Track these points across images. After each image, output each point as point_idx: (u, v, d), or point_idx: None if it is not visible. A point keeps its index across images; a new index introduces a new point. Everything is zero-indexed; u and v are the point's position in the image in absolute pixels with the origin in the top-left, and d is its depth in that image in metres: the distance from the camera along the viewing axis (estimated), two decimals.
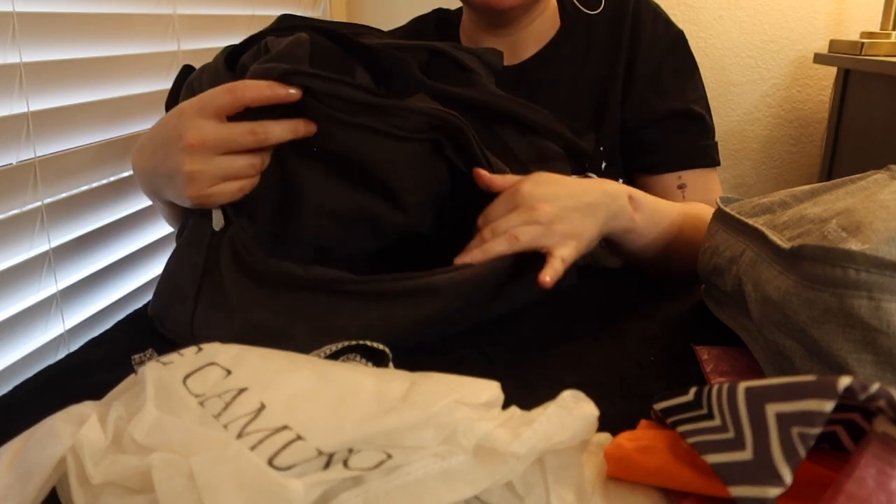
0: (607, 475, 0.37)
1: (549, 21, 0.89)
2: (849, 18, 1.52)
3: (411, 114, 0.58)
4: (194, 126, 0.53)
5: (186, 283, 0.57)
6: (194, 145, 0.53)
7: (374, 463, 0.32)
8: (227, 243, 0.56)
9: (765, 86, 1.57)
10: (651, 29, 0.87)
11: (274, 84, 0.53)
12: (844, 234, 0.43)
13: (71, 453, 0.33)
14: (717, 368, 0.51)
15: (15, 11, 0.62)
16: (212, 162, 0.53)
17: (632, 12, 0.88)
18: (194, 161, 0.53)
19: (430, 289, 0.55)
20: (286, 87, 0.53)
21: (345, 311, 0.54)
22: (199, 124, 0.53)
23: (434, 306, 0.56)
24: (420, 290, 0.55)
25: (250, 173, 0.55)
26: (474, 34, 0.90)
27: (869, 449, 0.30)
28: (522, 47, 0.89)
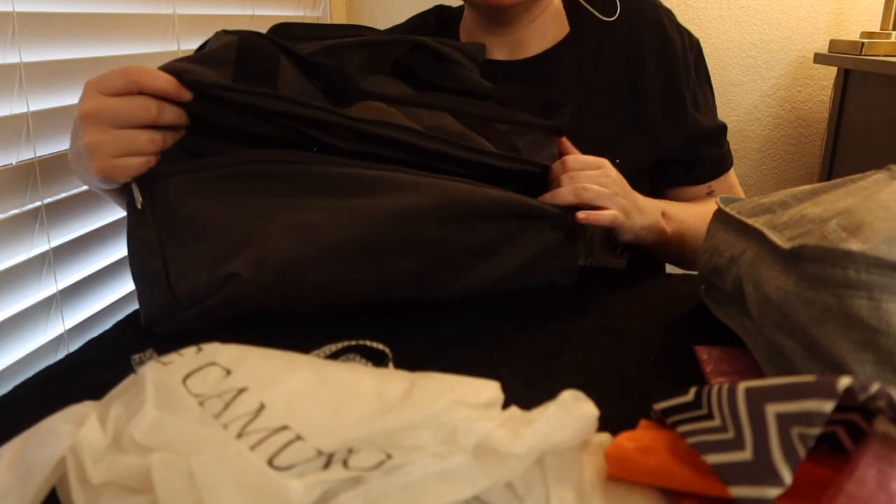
0: (607, 475, 0.37)
1: (553, 22, 0.89)
2: (849, 18, 1.52)
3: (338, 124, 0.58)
4: (89, 98, 0.53)
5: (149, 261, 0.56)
6: (86, 115, 0.52)
7: (373, 463, 0.32)
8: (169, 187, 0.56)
9: (765, 86, 1.57)
10: (680, 43, 0.87)
11: (170, 79, 0.54)
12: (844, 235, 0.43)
13: (71, 453, 0.33)
14: (717, 368, 0.51)
15: (15, 11, 0.62)
16: (109, 133, 0.53)
17: (654, 23, 0.87)
18: (91, 132, 0.53)
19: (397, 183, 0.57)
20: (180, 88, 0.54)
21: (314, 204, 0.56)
22: (94, 96, 0.53)
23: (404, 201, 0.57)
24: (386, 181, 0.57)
25: (151, 149, 0.55)
26: (475, 33, 0.90)
27: (869, 449, 0.30)
28: (524, 46, 0.88)
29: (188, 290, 0.55)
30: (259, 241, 0.55)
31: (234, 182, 0.56)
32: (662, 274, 0.77)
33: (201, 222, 0.55)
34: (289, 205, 0.56)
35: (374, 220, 0.56)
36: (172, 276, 0.55)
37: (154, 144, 0.55)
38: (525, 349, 0.56)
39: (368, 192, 0.57)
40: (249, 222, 0.55)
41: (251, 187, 0.56)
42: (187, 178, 0.56)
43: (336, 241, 0.56)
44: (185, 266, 0.55)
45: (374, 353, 0.52)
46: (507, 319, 0.62)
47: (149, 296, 0.57)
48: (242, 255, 0.54)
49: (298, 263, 0.55)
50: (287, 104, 0.56)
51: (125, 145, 0.53)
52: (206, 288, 0.55)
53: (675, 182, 0.91)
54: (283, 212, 0.56)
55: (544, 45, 0.88)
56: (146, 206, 0.56)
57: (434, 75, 0.69)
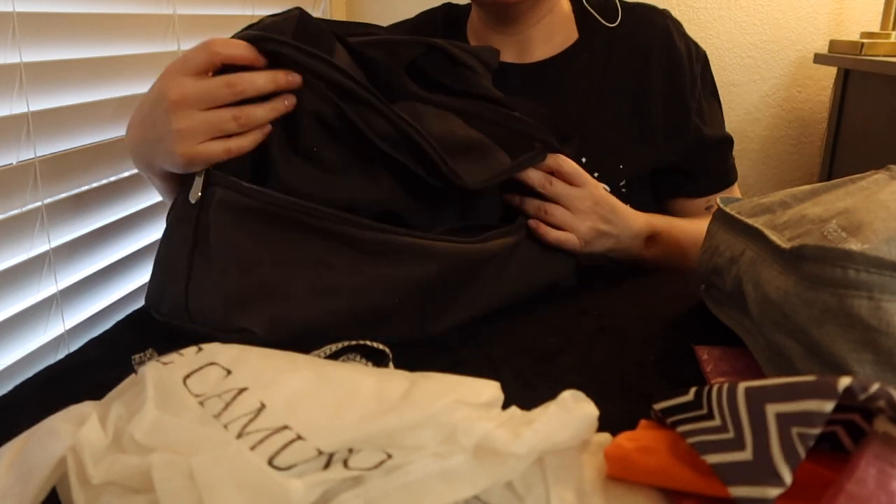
0: (607, 475, 0.37)
1: (561, 25, 0.88)
2: (849, 18, 1.52)
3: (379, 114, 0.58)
4: (176, 84, 0.54)
5: (178, 259, 0.56)
6: (177, 101, 0.53)
7: (374, 463, 0.32)
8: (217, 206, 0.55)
9: (765, 86, 1.57)
10: (686, 54, 0.87)
11: (248, 45, 0.54)
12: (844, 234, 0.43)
13: (71, 453, 0.33)
14: (717, 368, 0.51)
15: (15, 11, 0.62)
16: (196, 117, 0.53)
17: (661, 32, 0.87)
18: (180, 118, 0.53)
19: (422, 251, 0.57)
20: (257, 54, 0.54)
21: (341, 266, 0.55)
22: (181, 81, 0.54)
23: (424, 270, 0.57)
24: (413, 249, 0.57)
25: (234, 128, 0.55)
26: (481, 32, 0.90)
27: (870, 449, 0.30)
28: (530, 47, 0.88)
29: (201, 311, 0.54)
30: (280, 300, 0.53)
31: (273, 222, 0.54)
32: (662, 274, 0.77)
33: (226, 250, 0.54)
34: (315, 261, 0.55)
35: (396, 289, 0.56)
36: (192, 286, 0.55)
37: (237, 122, 0.55)
38: (525, 349, 0.56)
39: (395, 259, 0.56)
40: (273, 270, 0.54)
41: (282, 231, 0.55)
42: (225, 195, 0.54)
43: (355, 310, 0.55)
44: (205, 288, 0.54)
45: (374, 353, 0.52)
46: (507, 319, 0.62)
47: (163, 288, 0.57)
48: (260, 312, 0.53)
49: (315, 328, 0.54)
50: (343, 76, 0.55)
51: (212, 127, 0.54)
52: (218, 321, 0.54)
53: (675, 193, 0.90)
54: (307, 268, 0.54)
55: (552, 48, 0.88)
56: (198, 203, 0.55)
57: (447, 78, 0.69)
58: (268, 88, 0.55)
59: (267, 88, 0.55)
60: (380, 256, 0.56)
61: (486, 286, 0.63)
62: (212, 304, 0.53)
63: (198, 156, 0.54)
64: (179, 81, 0.54)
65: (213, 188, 0.55)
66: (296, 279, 0.54)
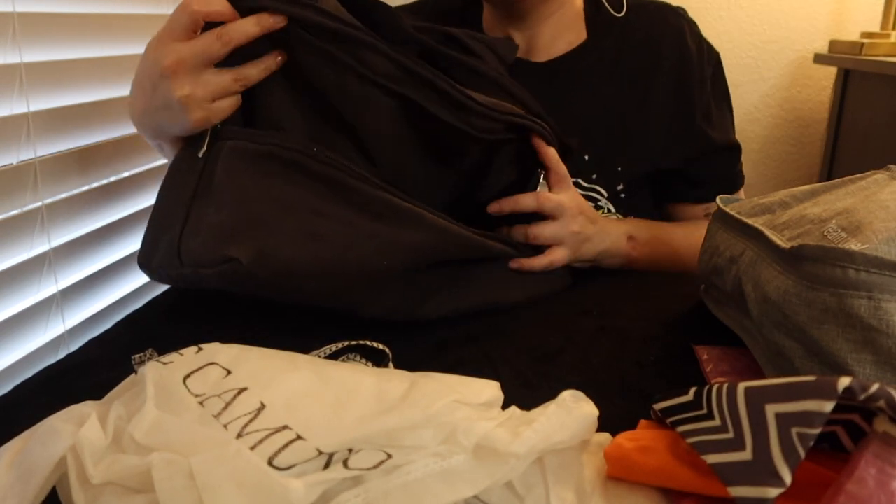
0: (607, 475, 0.37)
1: (571, 24, 0.88)
2: (849, 18, 1.52)
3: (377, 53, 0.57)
4: (168, 52, 0.54)
5: (176, 206, 0.56)
6: (172, 67, 0.54)
7: (373, 463, 0.32)
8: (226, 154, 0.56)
9: (765, 86, 1.57)
10: (697, 55, 0.85)
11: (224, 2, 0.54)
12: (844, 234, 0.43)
13: (71, 453, 0.33)
14: (717, 368, 0.51)
15: (15, 11, 0.62)
16: (199, 81, 0.54)
17: (674, 32, 0.86)
18: (182, 84, 0.54)
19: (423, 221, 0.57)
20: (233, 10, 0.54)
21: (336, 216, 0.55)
22: (172, 47, 0.54)
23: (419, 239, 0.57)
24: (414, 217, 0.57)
25: (238, 87, 0.56)
26: (492, 24, 0.90)
27: (869, 449, 0.30)
28: (539, 44, 0.87)
29: (191, 250, 0.54)
30: (270, 235, 0.54)
31: (271, 162, 0.55)
32: (662, 274, 0.77)
33: (227, 190, 0.54)
34: (311, 206, 0.55)
35: (386, 251, 0.56)
36: (187, 229, 0.55)
37: (239, 83, 0.56)
38: (525, 349, 0.56)
39: (391, 222, 0.56)
40: (267, 208, 0.54)
41: (284, 173, 0.55)
42: (234, 145, 0.55)
43: (343, 261, 0.55)
44: (200, 227, 0.54)
45: (374, 353, 0.52)
46: (507, 319, 0.62)
47: (159, 236, 0.57)
48: (248, 243, 0.53)
49: (300, 271, 0.55)
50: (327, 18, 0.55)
51: (217, 89, 0.55)
52: (207, 257, 0.54)
53: (676, 197, 0.90)
54: (302, 211, 0.55)
55: (560, 47, 0.87)
56: (204, 156, 0.56)
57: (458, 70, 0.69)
58: (255, 32, 0.55)
59: (254, 32, 0.55)
60: (377, 215, 0.56)
61: (476, 283, 0.63)
62: (203, 243, 0.54)
63: (211, 117, 0.56)
64: (171, 48, 0.54)
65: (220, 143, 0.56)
66: (288, 219, 0.54)
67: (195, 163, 0.56)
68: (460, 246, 0.60)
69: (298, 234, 0.54)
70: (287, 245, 0.54)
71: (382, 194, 0.56)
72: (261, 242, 0.53)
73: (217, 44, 0.54)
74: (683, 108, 0.85)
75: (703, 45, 0.88)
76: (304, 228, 0.54)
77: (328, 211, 0.55)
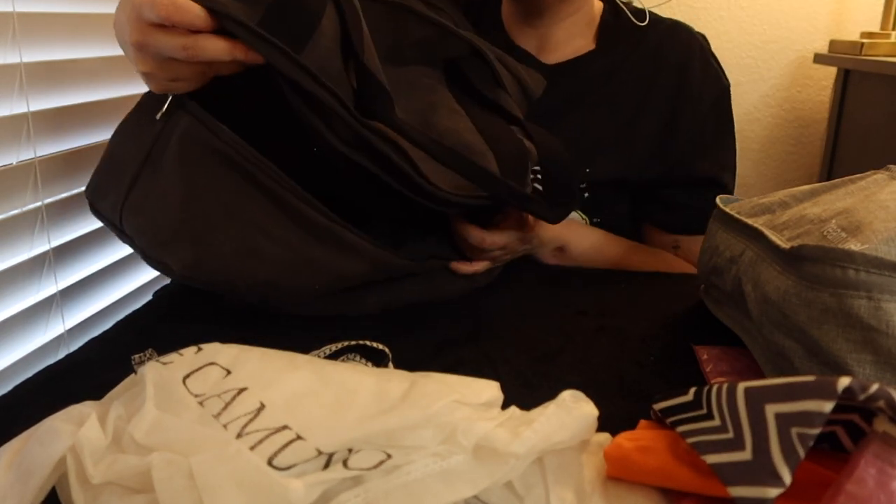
0: (607, 475, 0.37)
1: (584, 28, 0.87)
2: (849, 18, 1.52)
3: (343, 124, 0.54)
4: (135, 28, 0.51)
5: (126, 163, 0.56)
6: (136, 44, 0.52)
7: (373, 463, 0.32)
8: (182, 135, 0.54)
9: (765, 86, 1.57)
10: (700, 78, 0.84)
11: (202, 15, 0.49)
12: (844, 235, 0.43)
13: (71, 453, 0.33)
14: (717, 368, 0.51)
15: (15, 11, 0.62)
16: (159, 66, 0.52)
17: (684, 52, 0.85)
18: (144, 61, 0.52)
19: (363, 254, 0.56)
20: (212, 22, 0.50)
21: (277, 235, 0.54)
22: (139, 26, 0.51)
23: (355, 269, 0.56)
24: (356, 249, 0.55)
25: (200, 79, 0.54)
26: (510, 21, 0.90)
27: (869, 449, 0.30)
28: (551, 44, 0.87)
29: (131, 229, 0.55)
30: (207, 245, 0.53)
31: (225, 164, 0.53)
32: (662, 274, 0.77)
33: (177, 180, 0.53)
34: (257, 221, 0.54)
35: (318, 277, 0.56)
36: (129, 201, 0.55)
37: (205, 77, 0.54)
38: (525, 349, 0.56)
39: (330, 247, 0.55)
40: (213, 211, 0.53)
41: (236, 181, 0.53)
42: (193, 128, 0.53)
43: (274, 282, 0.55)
44: (142, 208, 0.55)
45: (374, 353, 0.52)
46: (507, 319, 0.62)
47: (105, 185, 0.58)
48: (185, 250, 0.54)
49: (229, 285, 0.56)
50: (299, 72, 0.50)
51: (175, 73, 0.53)
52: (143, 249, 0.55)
53: (648, 218, 0.89)
54: (247, 225, 0.53)
55: (570, 51, 0.87)
56: (162, 119, 0.55)
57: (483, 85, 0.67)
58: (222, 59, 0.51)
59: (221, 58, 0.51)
60: (319, 240, 0.55)
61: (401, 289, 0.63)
62: (142, 229, 0.54)
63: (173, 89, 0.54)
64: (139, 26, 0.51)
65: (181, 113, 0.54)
66: (231, 229, 0.53)
67: (152, 125, 0.55)
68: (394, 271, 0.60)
69: (239, 246, 0.53)
70: (224, 257, 0.54)
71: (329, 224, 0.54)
72: (199, 251, 0.53)
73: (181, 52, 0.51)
74: (668, 127, 0.84)
75: (710, 72, 0.86)
76: (245, 242, 0.53)
77: (272, 230, 0.54)
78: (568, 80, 0.86)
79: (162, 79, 0.53)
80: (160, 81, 0.54)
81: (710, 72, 0.86)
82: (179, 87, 0.55)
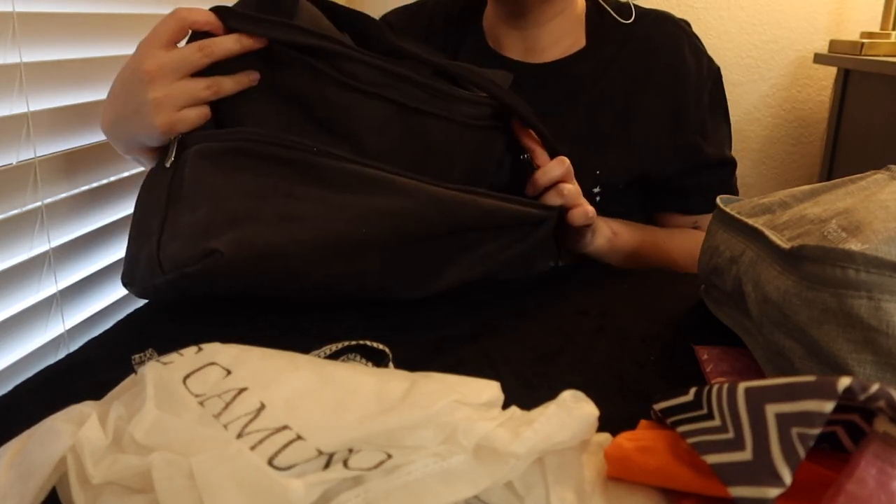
0: (607, 475, 0.37)
1: (572, 28, 0.87)
2: (849, 18, 1.52)
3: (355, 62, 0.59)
4: (150, 56, 0.56)
5: (150, 218, 0.57)
6: (152, 71, 0.55)
7: (374, 463, 0.32)
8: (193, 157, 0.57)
9: (765, 86, 1.57)
10: (696, 68, 0.86)
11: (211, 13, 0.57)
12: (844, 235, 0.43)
13: (71, 453, 0.33)
14: (717, 368, 0.51)
15: (15, 11, 0.62)
16: (173, 87, 0.56)
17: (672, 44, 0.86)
18: (157, 88, 0.55)
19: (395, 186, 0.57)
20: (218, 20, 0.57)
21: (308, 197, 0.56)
22: (154, 53, 0.56)
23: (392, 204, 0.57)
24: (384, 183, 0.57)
25: (208, 96, 0.57)
26: (494, 24, 0.89)
27: (870, 449, 0.30)
28: (539, 47, 0.87)
29: (172, 254, 0.55)
30: (247, 224, 0.54)
31: (238, 157, 0.56)
32: (662, 274, 0.77)
33: (199, 191, 0.55)
34: (284, 190, 0.56)
35: (363, 220, 0.57)
36: (164, 236, 0.56)
37: (210, 90, 0.57)
38: (525, 349, 0.56)
39: (364, 191, 0.57)
40: (242, 202, 0.55)
41: (254, 165, 0.56)
42: (200, 148, 0.57)
43: (322, 237, 0.56)
44: (177, 231, 0.55)
45: (374, 353, 0.52)
46: (507, 319, 0.62)
47: (138, 252, 0.58)
48: (228, 234, 0.54)
49: (280, 252, 0.55)
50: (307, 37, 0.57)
51: (187, 96, 0.56)
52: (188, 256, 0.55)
53: (666, 208, 0.90)
54: (276, 197, 0.56)
55: (559, 51, 0.87)
56: (172, 167, 0.57)
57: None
58: (235, 49, 0.57)
59: (235, 50, 0.57)
60: (346, 187, 0.57)
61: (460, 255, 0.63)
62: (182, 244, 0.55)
63: (177, 123, 0.56)
64: (153, 53, 0.56)
65: (188, 151, 0.57)
66: (263, 207, 0.55)
67: (164, 174, 0.57)
68: (437, 205, 0.59)
69: (274, 218, 0.55)
70: (265, 232, 0.55)
71: (348, 166, 0.57)
72: (239, 232, 0.54)
73: (198, 54, 0.56)
74: (676, 120, 0.85)
75: (703, 60, 0.87)
76: (279, 213, 0.55)
77: (299, 192, 0.56)
78: (560, 79, 0.86)
79: (172, 104, 0.56)
80: (167, 111, 0.56)
81: (702, 60, 0.87)
82: (185, 117, 0.57)
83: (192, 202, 0.55)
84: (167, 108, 0.56)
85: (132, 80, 0.57)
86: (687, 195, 0.88)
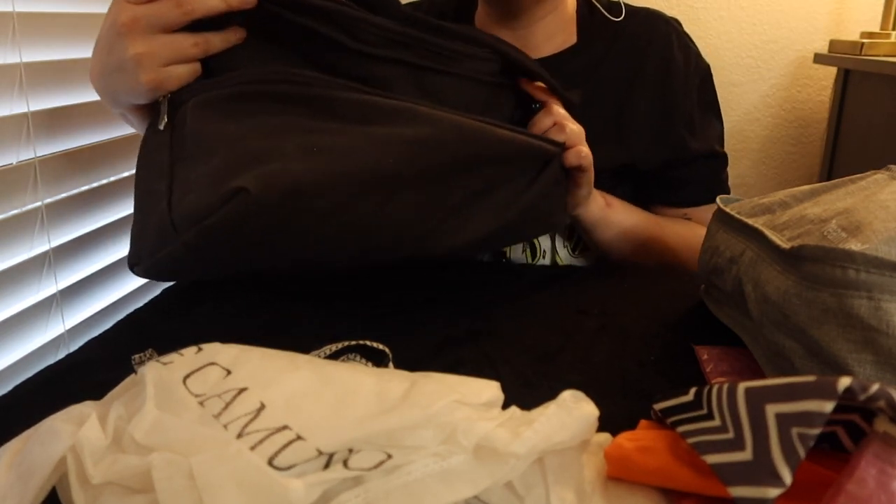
0: (607, 475, 0.37)
1: (563, 26, 0.88)
2: (849, 18, 1.52)
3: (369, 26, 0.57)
4: (124, 10, 0.53)
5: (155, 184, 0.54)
6: (128, 23, 0.52)
7: (374, 463, 0.32)
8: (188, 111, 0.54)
9: (765, 86, 1.57)
10: (684, 64, 0.87)
11: None
12: (844, 235, 0.43)
13: (71, 453, 0.33)
14: (717, 368, 0.51)
15: (15, 11, 0.62)
16: (154, 41, 0.53)
17: (661, 40, 0.87)
18: (136, 43, 0.53)
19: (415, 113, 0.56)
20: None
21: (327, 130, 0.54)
22: (128, 7, 0.53)
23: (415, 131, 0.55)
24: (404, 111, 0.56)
25: (196, 53, 0.55)
26: (486, 24, 0.90)
27: (870, 449, 0.30)
28: (531, 45, 0.87)
29: (188, 208, 0.50)
30: (272, 159, 0.51)
31: (245, 101, 0.53)
32: (663, 273, 0.77)
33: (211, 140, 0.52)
34: (302, 126, 0.53)
35: (387, 148, 0.54)
36: (175, 195, 0.52)
37: (198, 48, 0.54)
38: (525, 349, 0.56)
39: (383, 121, 0.55)
40: (261, 141, 0.52)
41: (263, 107, 0.53)
42: (198, 100, 0.54)
43: (349, 167, 0.52)
44: (190, 184, 0.51)
45: (374, 353, 0.52)
46: (507, 319, 0.62)
47: (145, 222, 0.55)
48: (253, 171, 0.50)
49: (310, 186, 0.51)
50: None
51: (172, 52, 0.53)
52: (207, 205, 0.49)
53: (655, 200, 0.91)
54: (296, 132, 0.53)
55: (550, 48, 0.88)
56: (168, 128, 0.54)
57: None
58: (220, 8, 0.53)
59: (219, 8, 0.53)
60: (365, 119, 0.55)
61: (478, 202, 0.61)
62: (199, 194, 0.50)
63: (165, 81, 0.54)
64: (128, 6, 0.53)
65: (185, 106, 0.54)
66: (286, 142, 0.52)
67: (161, 136, 0.55)
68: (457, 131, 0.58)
69: (300, 152, 0.52)
70: (292, 164, 0.51)
71: (365, 97, 0.55)
72: (265, 168, 0.50)
73: (176, 11, 0.52)
74: (664, 114, 0.86)
75: (692, 56, 0.88)
76: (302, 146, 0.52)
77: (319, 127, 0.54)
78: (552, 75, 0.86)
79: (155, 60, 0.53)
80: (152, 66, 0.53)
81: (690, 56, 0.88)
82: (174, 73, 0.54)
83: (204, 152, 0.51)
84: (151, 63, 0.53)
85: (111, 33, 0.54)
86: (675, 188, 0.90)
